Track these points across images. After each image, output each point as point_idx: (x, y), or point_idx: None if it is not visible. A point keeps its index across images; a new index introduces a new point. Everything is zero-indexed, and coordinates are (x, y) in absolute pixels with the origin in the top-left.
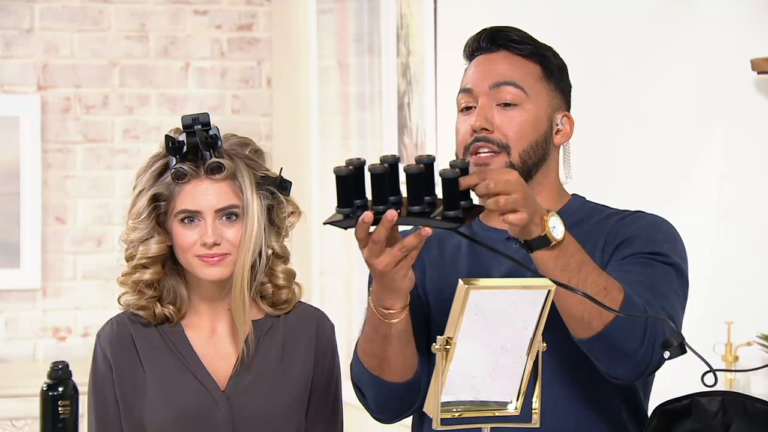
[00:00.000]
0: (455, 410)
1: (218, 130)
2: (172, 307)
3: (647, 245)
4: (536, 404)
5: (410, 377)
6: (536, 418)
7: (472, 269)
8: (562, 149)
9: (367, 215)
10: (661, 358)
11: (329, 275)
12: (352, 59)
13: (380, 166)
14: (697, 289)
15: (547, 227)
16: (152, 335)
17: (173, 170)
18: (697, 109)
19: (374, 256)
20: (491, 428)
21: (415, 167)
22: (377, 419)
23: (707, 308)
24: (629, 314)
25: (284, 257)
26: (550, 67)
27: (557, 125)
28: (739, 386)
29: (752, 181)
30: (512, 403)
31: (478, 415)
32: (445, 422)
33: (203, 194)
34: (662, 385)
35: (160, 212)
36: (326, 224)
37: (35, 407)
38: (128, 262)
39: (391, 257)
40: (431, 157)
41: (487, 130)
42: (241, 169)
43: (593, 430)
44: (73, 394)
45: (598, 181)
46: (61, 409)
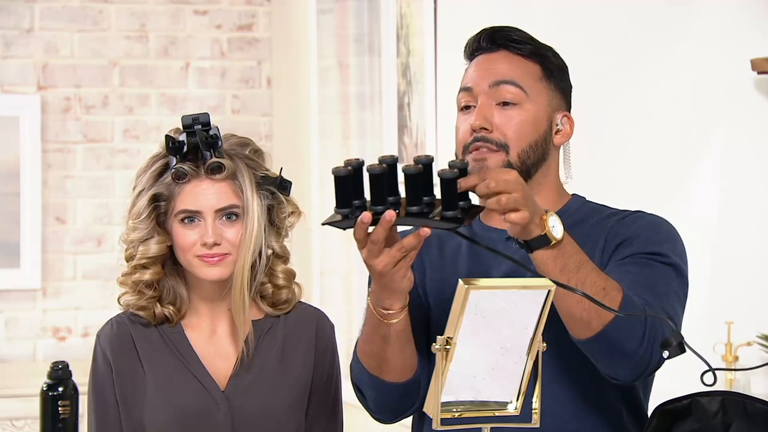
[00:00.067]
0: (455, 410)
1: (218, 130)
2: (171, 307)
3: (647, 245)
4: (536, 404)
5: (410, 377)
6: (536, 418)
7: (472, 269)
8: (562, 149)
9: (365, 216)
10: (660, 358)
11: (329, 275)
12: (352, 59)
13: (379, 166)
14: (697, 289)
15: (546, 227)
16: (152, 335)
17: (173, 170)
18: (697, 109)
19: (373, 256)
20: (491, 428)
21: (413, 167)
22: (377, 419)
23: (707, 308)
24: (628, 313)
25: (284, 257)
26: (550, 67)
27: (557, 125)
28: (739, 386)
29: (752, 181)
30: (512, 403)
31: (478, 415)
32: (445, 422)
33: (203, 194)
34: (662, 385)
35: (160, 212)
36: (325, 225)
37: (35, 407)
38: (128, 262)
39: (389, 258)
40: (430, 157)
41: (486, 129)
42: (241, 169)
43: (593, 430)
44: (73, 394)
45: (598, 181)
46: (61, 409)
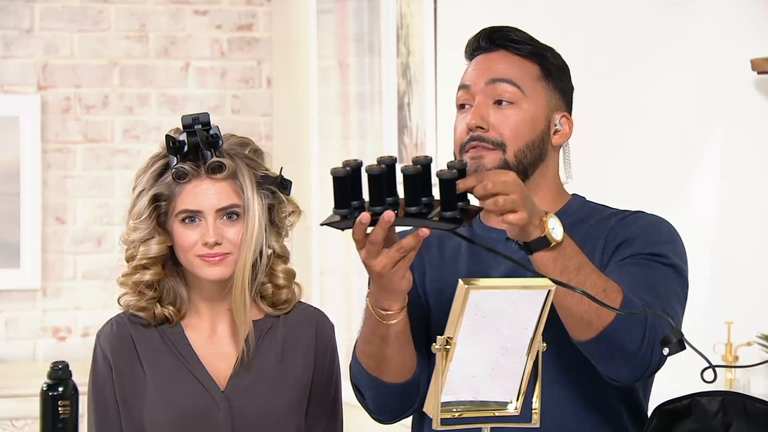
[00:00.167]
0: (455, 410)
1: (219, 129)
2: (171, 307)
3: (647, 246)
4: (536, 404)
5: (409, 378)
6: (536, 418)
7: (471, 269)
8: (562, 150)
9: (364, 216)
10: (660, 359)
11: (329, 275)
12: (352, 59)
13: (377, 167)
14: (697, 289)
15: (546, 228)
16: (152, 335)
17: (174, 170)
18: (697, 109)
19: (372, 257)
20: (491, 428)
21: (412, 168)
22: (376, 419)
23: (707, 308)
24: (628, 312)
25: (284, 257)
26: (549, 67)
27: (555, 125)
28: (739, 386)
29: (752, 181)
30: (512, 403)
31: (478, 415)
32: (445, 422)
33: (204, 194)
34: (662, 385)
35: (160, 212)
36: (323, 225)
37: (35, 407)
38: (129, 262)
39: (388, 258)
40: (428, 158)
41: (482, 128)
42: (241, 168)
43: (593, 430)
44: (73, 394)
45: (598, 181)
46: (61, 409)
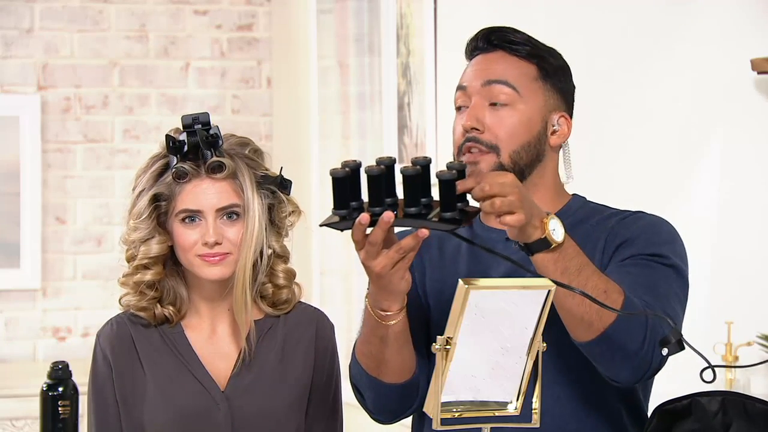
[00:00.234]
0: (455, 410)
1: (219, 129)
2: (172, 307)
3: (647, 247)
4: (536, 404)
5: (408, 378)
6: (536, 418)
7: (471, 269)
8: (562, 150)
9: (363, 217)
10: (661, 360)
11: (329, 275)
12: (352, 59)
13: (376, 167)
14: (697, 289)
15: (547, 230)
16: (152, 335)
17: (174, 170)
18: (697, 109)
19: (371, 258)
20: (491, 428)
21: (411, 169)
22: (376, 420)
23: (707, 308)
24: (629, 312)
25: (284, 257)
26: (547, 67)
27: (553, 126)
28: (739, 386)
29: (752, 181)
30: (512, 403)
31: (478, 415)
32: (445, 422)
33: (204, 193)
34: (662, 385)
35: (160, 212)
36: (322, 226)
37: (35, 407)
38: (129, 262)
39: (387, 259)
40: (428, 158)
41: (477, 130)
42: (241, 168)
43: (593, 430)
44: (73, 394)
45: (598, 181)
46: (61, 409)
